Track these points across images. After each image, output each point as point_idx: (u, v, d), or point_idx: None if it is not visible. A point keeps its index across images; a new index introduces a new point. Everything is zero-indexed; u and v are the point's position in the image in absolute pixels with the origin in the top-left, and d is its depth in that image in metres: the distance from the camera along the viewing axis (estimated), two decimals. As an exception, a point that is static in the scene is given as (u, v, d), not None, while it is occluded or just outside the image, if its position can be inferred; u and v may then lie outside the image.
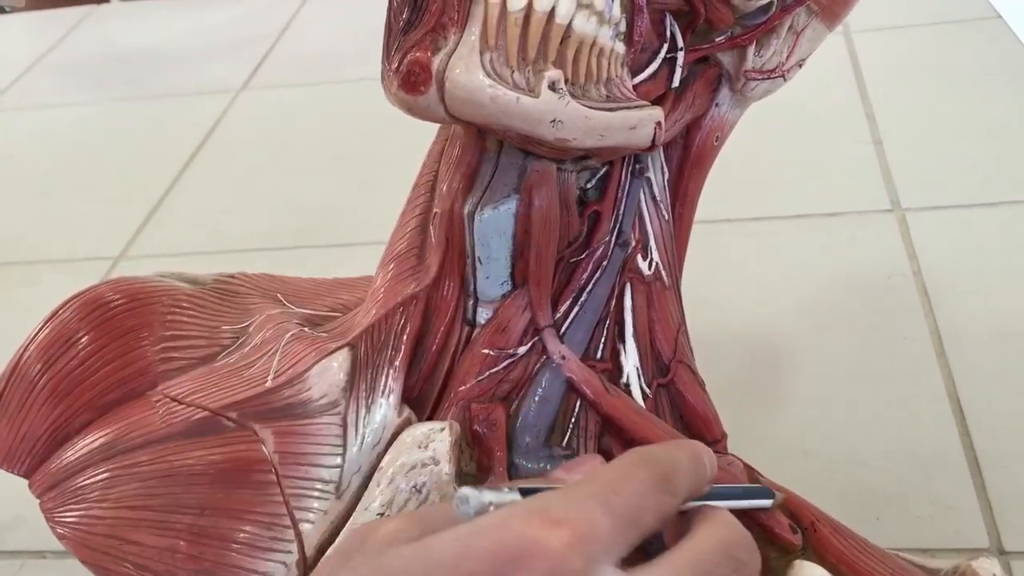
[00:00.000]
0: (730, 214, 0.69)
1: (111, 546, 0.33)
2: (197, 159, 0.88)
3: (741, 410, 0.53)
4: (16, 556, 0.52)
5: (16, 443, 0.38)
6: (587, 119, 0.33)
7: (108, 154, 0.92)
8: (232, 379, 0.37)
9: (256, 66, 1.03)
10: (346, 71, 0.99)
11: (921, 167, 0.71)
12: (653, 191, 0.40)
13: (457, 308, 0.37)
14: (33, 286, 0.75)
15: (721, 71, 0.40)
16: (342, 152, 0.85)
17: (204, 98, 0.98)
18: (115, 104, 1.01)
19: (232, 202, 0.82)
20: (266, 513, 0.34)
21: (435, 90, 0.32)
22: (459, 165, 0.37)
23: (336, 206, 0.78)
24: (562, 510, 0.24)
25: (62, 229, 0.82)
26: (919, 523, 0.47)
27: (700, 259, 0.63)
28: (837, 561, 0.35)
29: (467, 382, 0.36)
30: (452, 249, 0.37)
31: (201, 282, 0.44)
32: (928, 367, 0.55)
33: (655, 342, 0.40)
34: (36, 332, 0.40)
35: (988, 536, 0.46)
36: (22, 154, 0.95)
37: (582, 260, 0.38)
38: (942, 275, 0.61)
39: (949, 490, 0.48)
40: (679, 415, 0.41)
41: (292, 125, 0.92)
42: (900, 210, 0.67)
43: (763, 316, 0.60)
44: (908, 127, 0.76)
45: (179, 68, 1.06)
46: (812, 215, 0.68)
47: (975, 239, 0.64)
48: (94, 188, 0.87)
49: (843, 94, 0.81)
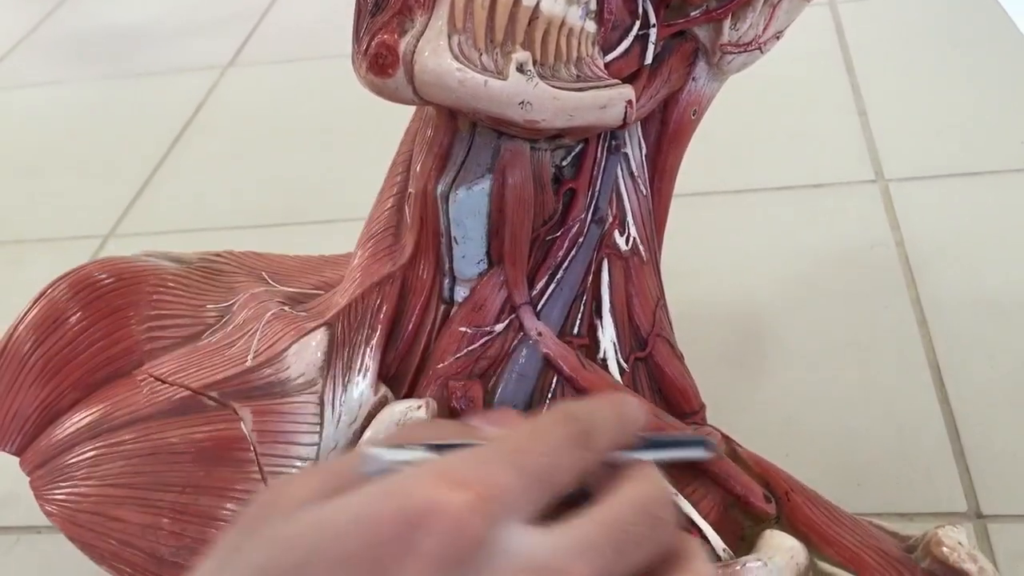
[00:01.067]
0: (713, 187, 0.69)
1: (96, 523, 0.34)
2: (184, 137, 0.88)
3: (724, 380, 0.54)
4: (11, 532, 0.53)
5: (7, 421, 0.39)
6: (556, 100, 0.33)
7: (95, 132, 0.92)
8: (214, 358, 0.38)
9: (242, 43, 1.03)
10: (332, 47, 0.98)
11: (905, 138, 0.71)
12: (631, 166, 0.41)
13: (433, 287, 0.37)
14: (20, 265, 0.75)
15: (697, 45, 0.40)
16: (329, 128, 0.85)
17: (191, 75, 0.98)
18: (102, 82, 1.01)
19: (220, 179, 0.82)
20: (245, 491, 0.35)
21: (403, 73, 0.32)
22: (431, 145, 0.37)
23: (324, 182, 0.78)
24: (467, 471, 0.24)
25: (50, 208, 0.82)
26: (899, 488, 0.48)
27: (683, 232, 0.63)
28: (808, 530, 0.35)
29: (445, 360, 0.37)
30: (427, 229, 0.37)
31: (187, 261, 0.45)
32: (909, 336, 0.55)
33: (633, 317, 0.41)
34: (26, 311, 0.41)
35: (966, 500, 0.47)
36: (8, 133, 0.95)
37: (558, 237, 0.39)
38: (924, 245, 0.61)
39: (928, 456, 0.49)
40: (657, 388, 0.42)
41: (279, 102, 0.92)
42: (883, 181, 0.67)
43: (746, 287, 0.61)
44: (893, 98, 0.76)
45: (165, 45, 1.06)
46: (796, 187, 0.69)
47: (958, 209, 0.64)
48: (82, 166, 0.87)
49: (828, 65, 0.81)
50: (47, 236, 0.78)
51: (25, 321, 0.42)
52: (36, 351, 0.40)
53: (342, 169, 0.79)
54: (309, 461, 0.35)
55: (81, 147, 0.90)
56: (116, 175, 0.84)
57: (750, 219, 0.67)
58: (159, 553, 0.34)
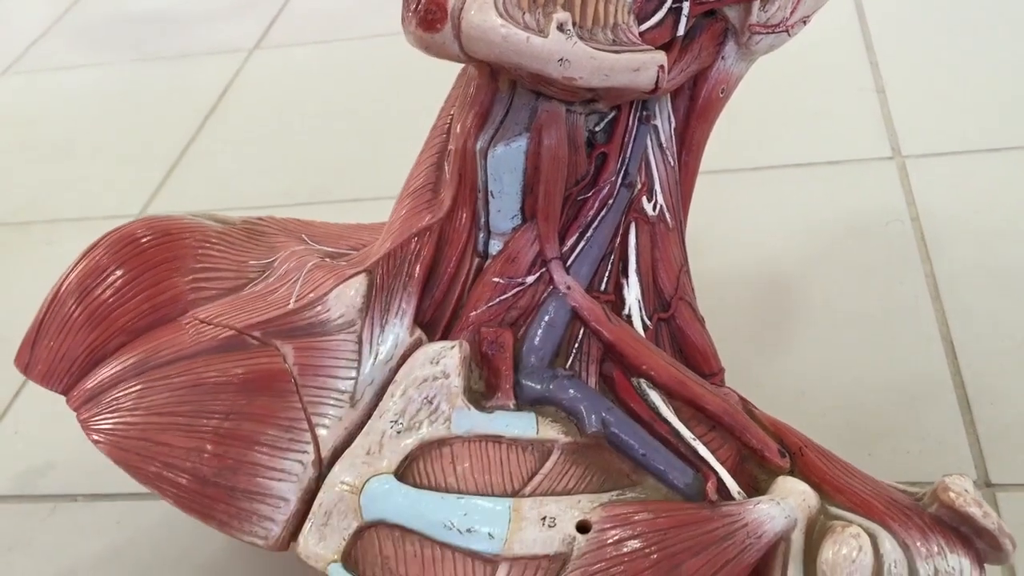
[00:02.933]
0: (733, 164, 0.71)
1: (142, 447, 0.36)
2: (212, 119, 0.90)
3: (741, 351, 0.56)
4: (48, 500, 0.55)
5: (55, 363, 0.40)
6: (593, 59, 0.35)
7: (124, 115, 0.94)
8: (257, 303, 0.40)
9: (268, 25, 1.05)
10: (358, 28, 1.00)
11: (923, 114, 0.72)
12: (660, 138, 0.42)
13: (469, 239, 0.39)
14: (54, 245, 0.77)
15: (727, 25, 0.41)
16: (355, 108, 0.87)
17: (217, 58, 1.00)
18: (130, 65, 1.03)
19: (247, 160, 0.83)
20: (286, 417, 0.36)
21: (450, 28, 0.34)
22: (472, 104, 0.39)
23: (350, 162, 0.80)
24: None
25: (81, 190, 0.84)
26: (909, 458, 0.49)
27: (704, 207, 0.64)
28: (820, 481, 0.37)
29: (478, 308, 0.38)
30: (465, 184, 0.39)
31: (230, 222, 0.47)
32: (923, 310, 0.57)
33: (657, 279, 0.42)
34: (73, 266, 0.43)
35: (975, 469, 0.48)
36: (40, 116, 0.97)
37: (589, 198, 0.40)
38: (940, 221, 0.62)
39: (939, 426, 0.50)
40: (678, 348, 0.43)
41: (305, 83, 0.93)
42: (900, 157, 0.69)
43: (763, 262, 0.62)
44: (911, 75, 0.77)
45: (192, 28, 1.08)
46: (814, 163, 0.70)
47: (973, 185, 0.65)
48: (112, 149, 0.89)
49: (848, 42, 0.82)
50: (79, 216, 0.80)
51: (72, 274, 0.43)
52: (84, 299, 0.42)
53: (368, 149, 0.81)
54: (346, 394, 0.37)
55: (111, 129, 0.92)
56: (146, 157, 0.86)
57: (768, 195, 0.68)
58: (202, 474, 0.35)
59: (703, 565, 0.33)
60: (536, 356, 0.38)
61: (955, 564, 0.34)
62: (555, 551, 0.33)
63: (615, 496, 0.35)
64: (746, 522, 0.34)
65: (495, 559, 0.33)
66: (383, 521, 0.35)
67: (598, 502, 0.35)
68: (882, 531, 0.34)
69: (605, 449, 0.37)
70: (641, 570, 0.33)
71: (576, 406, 0.38)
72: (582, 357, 0.39)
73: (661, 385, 0.39)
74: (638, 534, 0.33)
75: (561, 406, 0.38)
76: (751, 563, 0.33)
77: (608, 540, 0.33)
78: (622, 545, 0.33)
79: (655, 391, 0.39)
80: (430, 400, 0.36)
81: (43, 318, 0.41)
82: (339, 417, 0.37)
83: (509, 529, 0.34)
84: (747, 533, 0.33)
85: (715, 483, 0.36)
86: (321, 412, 0.37)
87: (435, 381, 0.36)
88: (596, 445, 0.37)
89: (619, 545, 0.33)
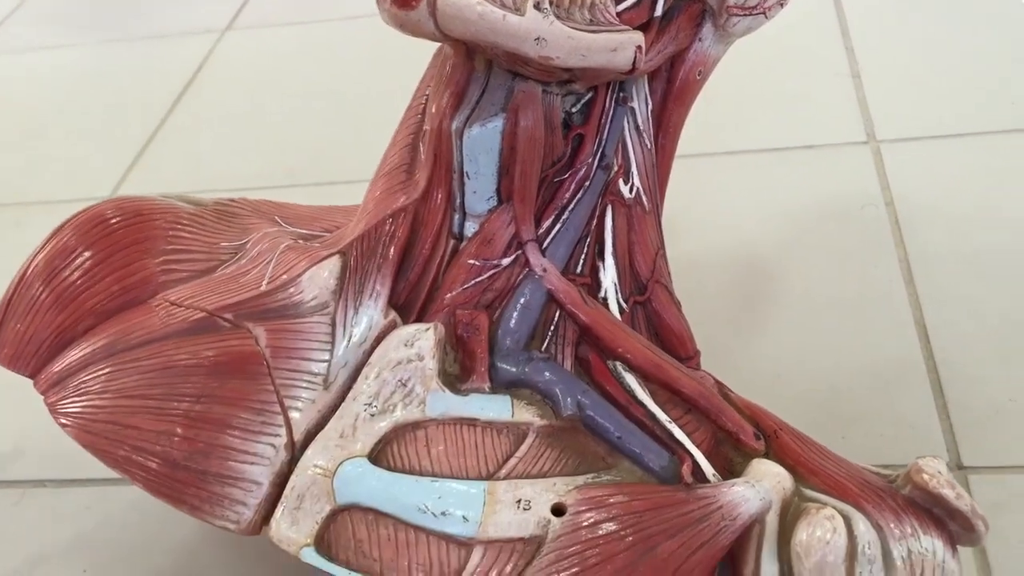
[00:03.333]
0: (708, 148, 0.71)
1: (111, 431, 0.35)
2: (184, 100, 0.89)
3: (718, 334, 0.56)
4: (17, 485, 0.54)
5: (23, 346, 0.40)
6: (570, 39, 0.35)
7: (95, 96, 0.93)
8: (229, 285, 0.39)
9: (241, 5, 1.04)
10: (332, 8, 0.99)
11: (898, 99, 0.73)
12: (636, 121, 0.42)
13: (444, 221, 0.39)
14: (23, 228, 0.76)
15: (705, 7, 0.41)
16: (330, 90, 0.86)
17: (190, 38, 0.99)
18: (101, 46, 1.01)
19: (220, 142, 0.83)
20: (258, 400, 0.36)
21: (425, 5, 0.33)
22: (448, 84, 0.38)
23: (325, 145, 0.79)
24: None
25: (51, 171, 0.83)
26: (883, 441, 0.50)
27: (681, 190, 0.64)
28: (795, 463, 0.37)
29: (453, 290, 0.38)
30: (440, 165, 0.38)
31: (202, 204, 0.46)
32: (897, 294, 0.57)
33: (634, 262, 0.42)
34: (40, 247, 0.42)
35: (948, 452, 0.49)
36: (8, 97, 0.95)
37: (565, 179, 0.40)
38: (914, 205, 0.63)
39: (912, 410, 0.51)
40: (654, 331, 0.43)
41: (279, 64, 0.93)
42: (875, 142, 0.69)
43: (738, 246, 0.62)
44: (887, 59, 0.77)
45: (164, 8, 1.06)
46: (789, 148, 0.70)
47: (947, 170, 0.65)
48: (82, 130, 0.88)
49: (824, 27, 0.82)
50: (48, 199, 0.79)
51: (39, 255, 0.43)
52: (52, 281, 0.41)
53: (343, 132, 0.80)
54: (319, 376, 0.36)
55: (81, 111, 0.91)
56: (116, 138, 0.85)
57: (743, 180, 0.68)
58: (172, 458, 0.35)
59: (678, 547, 0.33)
60: (511, 339, 0.38)
61: (928, 545, 0.34)
62: (530, 534, 0.33)
63: (590, 479, 0.35)
64: (721, 504, 0.34)
65: (470, 542, 0.33)
66: (356, 504, 0.34)
67: (573, 485, 0.35)
68: (856, 513, 0.34)
69: (580, 432, 0.37)
70: (616, 552, 0.33)
71: (551, 389, 0.37)
72: (558, 340, 0.39)
73: (637, 368, 0.39)
74: (613, 516, 0.33)
75: (536, 389, 0.38)
76: (726, 545, 0.33)
77: (583, 523, 0.33)
78: (597, 528, 0.33)
79: (631, 374, 0.39)
80: (404, 383, 0.36)
81: (10, 300, 0.41)
82: (312, 400, 0.36)
83: (484, 512, 0.34)
84: (722, 515, 0.34)
85: (690, 466, 0.36)
86: (294, 395, 0.36)
87: (409, 364, 0.36)
88: (571, 428, 0.37)
89: (594, 528, 0.33)
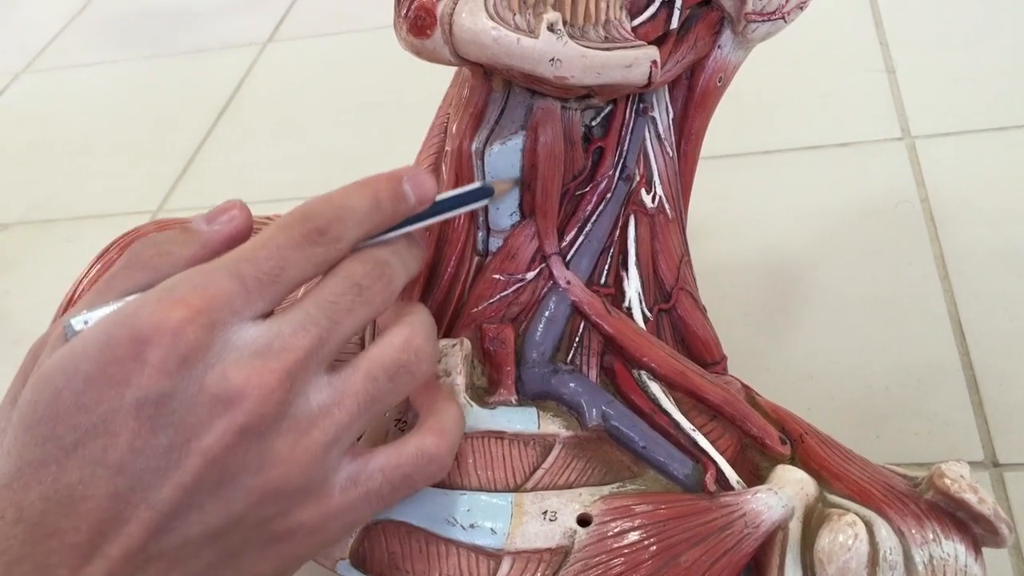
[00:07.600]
0: (741, 147, 0.71)
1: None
2: (227, 113, 0.91)
3: (748, 337, 0.56)
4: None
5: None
6: (584, 58, 0.35)
7: (141, 111, 0.95)
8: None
9: (281, 18, 1.06)
10: (370, 19, 1.01)
11: (933, 94, 0.72)
12: (658, 129, 0.43)
13: (468, 239, 0.40)
14: (73, 241, 0.79)
15: (723, 14, 0.41)
16: (367, 101, 0.88)
17: (231, 52, 1.01)
18: (145, 62, 1.04)
19: (263, 154, 0.84)
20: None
21: (440, 33, 0.34)
22: (467, 106, 0.39)
23: (364, 155, 0.81)
24: (186, 288, 0.28)
25: (100, 186, 0.85)
26: (917, 439, 0.50)
27: (712, 192, 0.64)
28: (820, 468, 0.37)
29: (479, 305, 0.39)
30: (462, 184, 0.39)
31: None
32: (931, 291, 0.57)
33: (658, 271, 0.43)
34: (88, 268, 0.44)
35: (983, 450, 0.48)
36: (58, 113, 0.98)
37: (587, 192, 0.41)
38: (949, 201, 0.62)
39: (947, 408, 0.51)
40: (680, 338, 0.44)
41: (318, 76, 0.94)
42: (910, 138, 0.68)
43: (770, 246, 0.62)
44: (921, 54, 0.76)
45: (205, 23, 1.09)
46: (823, 146, 0.70)
47: (983, 165, 0.65)
48: (129, 145, 0.90)
49: (857, 22, 0.82)
50: (98, 213, 0.81)
51: (86, 279, 0.45)
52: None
53: (382, 142, 0.82)
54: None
55: (128, 126, 0.93)
56: (163, 152, 0.87)
57: (776, 179, 0.68)
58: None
59: (702, 555, 0.34)
60: (537, 351, 0.39)
61: (950, 550, 0.34)
62: (556, 544, 0.34)
63: (615, 488, 0.36)
64: (744, 512, 0.34)
65: (498, 553, 0.34)
66: (389, 519, 0.35)
67: (599, 495, 0.35)
68: (878, 519, 0.34)
69: (606, 442, 0.38)
70: (641, 561, 0.33)
71: (577, 400, 0.38)
72: (583, 351, 0.40)
73: (662, 377, 0.40)
74: (638, 526, 0.34)
75: (562, 400, 0.38)
76: (749, 552, 0.34)
77: (608, 532, 0.34)
78: (622, 537, 0.34)
79: (656, 383, 0.40)
80: (433, 399, 0.37)
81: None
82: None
83: (511, 524, 0.34)
84: (745, 523, 0.34)
85: (714, 473, 0.36)
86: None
87: (438, 380, 0.37)
88: (597, 438, 0.38)
89: (619, 537, 0.34)
